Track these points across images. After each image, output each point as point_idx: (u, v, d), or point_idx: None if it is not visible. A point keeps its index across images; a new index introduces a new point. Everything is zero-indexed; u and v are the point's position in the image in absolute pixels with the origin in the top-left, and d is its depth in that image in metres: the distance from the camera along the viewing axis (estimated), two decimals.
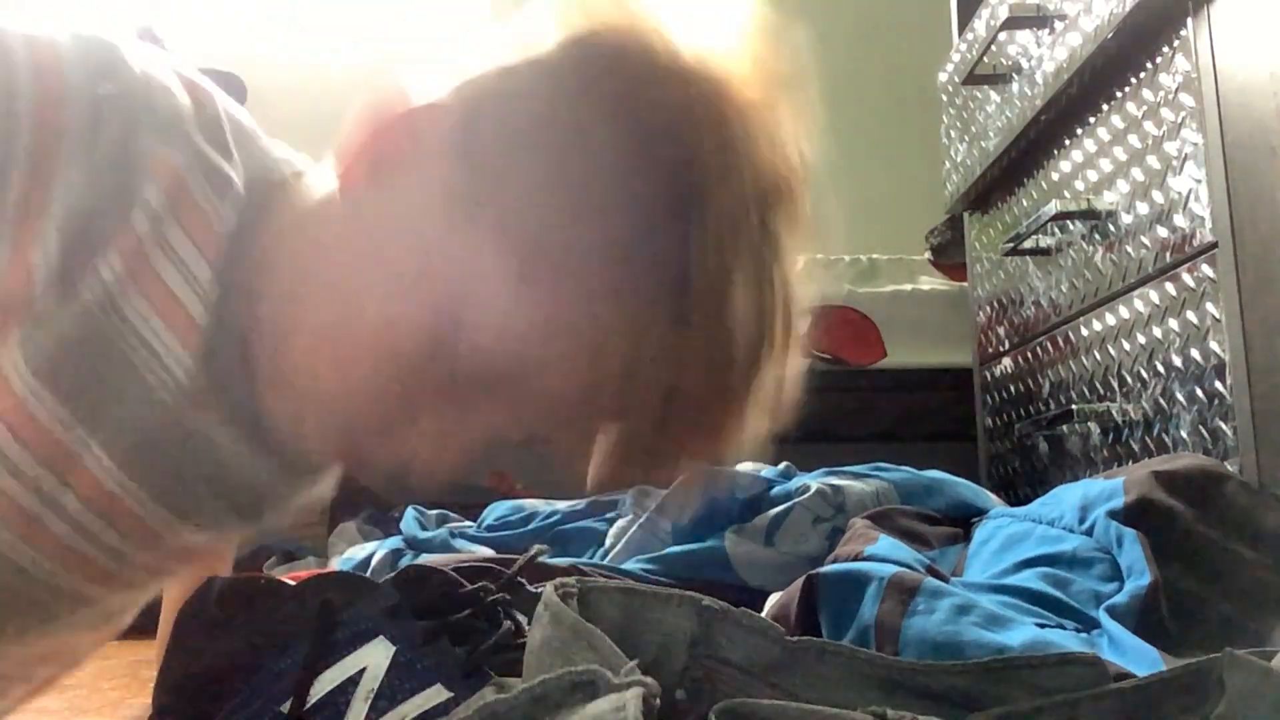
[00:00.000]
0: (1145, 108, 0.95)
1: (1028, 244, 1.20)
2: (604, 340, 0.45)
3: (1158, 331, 0.92)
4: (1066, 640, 0.56)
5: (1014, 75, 1.23)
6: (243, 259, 0.50)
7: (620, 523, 1.07)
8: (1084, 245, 1.09)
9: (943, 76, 1.51)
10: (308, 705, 0.44)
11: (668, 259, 0.45)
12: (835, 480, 0.98)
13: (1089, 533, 0.68)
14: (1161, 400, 0.91)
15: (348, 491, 0.62)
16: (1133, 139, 0.97)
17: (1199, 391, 0.85)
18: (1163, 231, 0.91)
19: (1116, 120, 1.01)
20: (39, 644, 0.56)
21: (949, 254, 1.78)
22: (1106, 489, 0.70)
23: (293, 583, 0.53)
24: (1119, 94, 1.01)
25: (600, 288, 0.45)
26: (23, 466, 0.47)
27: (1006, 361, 1.32)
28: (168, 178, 0.46)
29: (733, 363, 0.47)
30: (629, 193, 0.44)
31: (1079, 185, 1.10)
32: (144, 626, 0.64)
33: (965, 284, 1.55)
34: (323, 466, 0.58)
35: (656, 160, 0.45)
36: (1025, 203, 1.26)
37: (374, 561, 1.09)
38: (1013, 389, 1.30)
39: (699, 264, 0.45)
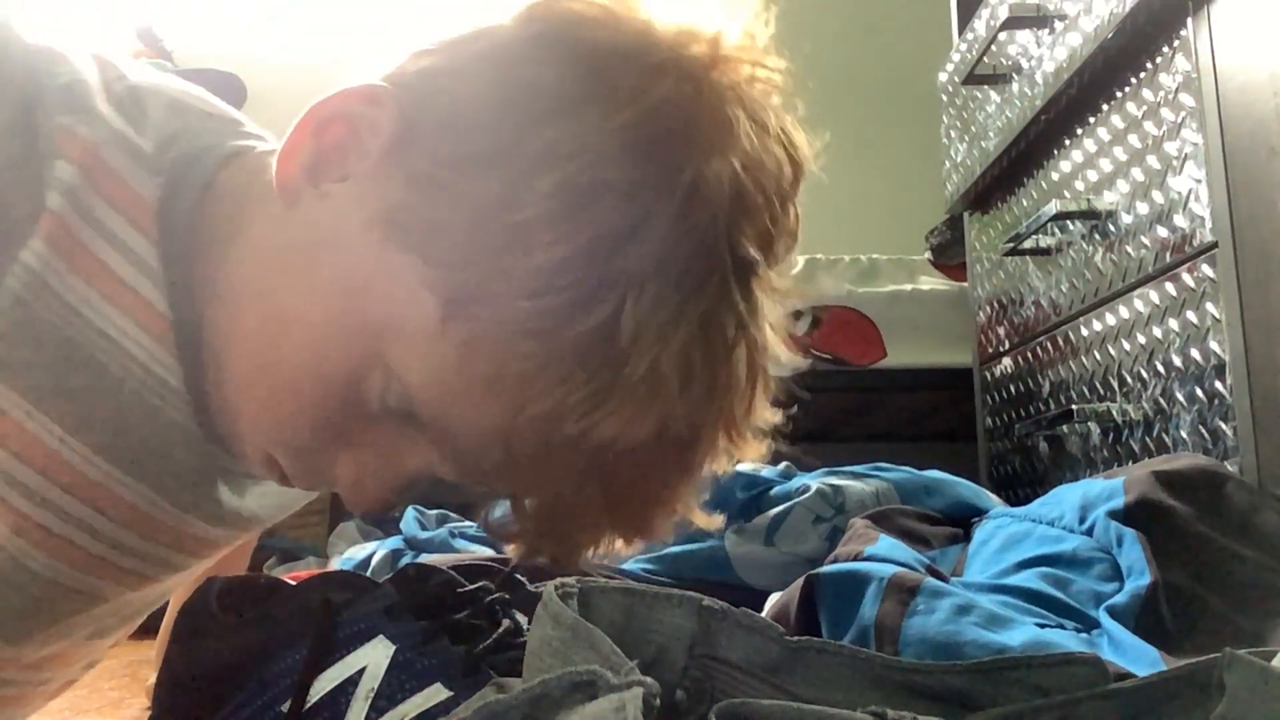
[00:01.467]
0: (1145, 108, 0.95)
1: (1028, 244, 1.20)
2: (524, 391, 0.41)
3: (1158, 331, 0.92)
4: (1066, 640, 0.56)
5: (1014, 75, 1.23)
6: (189, 238, 0.47)
7: None
8: (1084, 245, 1.09)
9: (943, 76, 1.51)
10: (308, 705, 0.44)
11: (601, 300, 0.39)
12: (835, 480, 0.98)
13: (1089, 533, 0.68)
14: (1161, 400, 0.91)
15: None
16: (1133, 139, 0.97)
17: (1199, 391, 0.85)
18: (1163, 231, 0.91)
19: (1116, 120, 1.01)
20: (47, 646, 0.54)
21: (949, 254, 1.78)
22: (1106, 489, 0.70)
23: (293, 583, 0.53)
24: (1119, 94, 1.01)
25: (523, 330, 0.40)
26: None
27: (1006, 361, 1.32)
28: (80, 152, 0.43)
29: (667, 433, 0.42)
30: (564, 212, 0.39)
31: (1079, 185, 1.10)
32: (144, 626, 0.64)
33: (965, 284, 1.55)
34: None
35: (602, 180, 0.39)
36: (1025, 203, 1.26)
37: (374, 561, 1.09)
38: (1013, 389, 1.30)
39: (635, 313, 0.39)
